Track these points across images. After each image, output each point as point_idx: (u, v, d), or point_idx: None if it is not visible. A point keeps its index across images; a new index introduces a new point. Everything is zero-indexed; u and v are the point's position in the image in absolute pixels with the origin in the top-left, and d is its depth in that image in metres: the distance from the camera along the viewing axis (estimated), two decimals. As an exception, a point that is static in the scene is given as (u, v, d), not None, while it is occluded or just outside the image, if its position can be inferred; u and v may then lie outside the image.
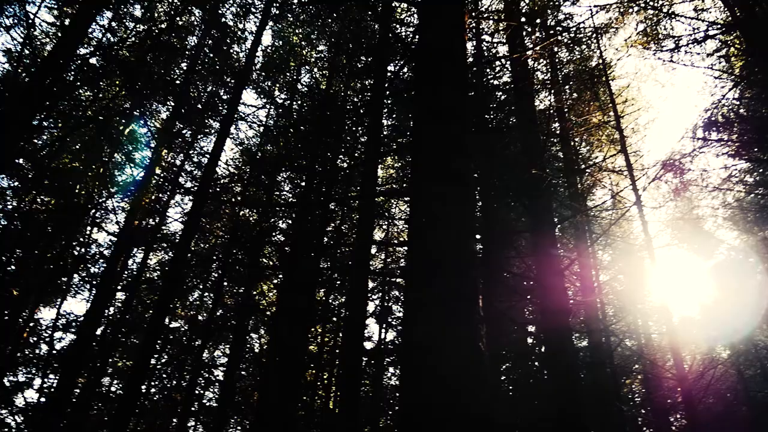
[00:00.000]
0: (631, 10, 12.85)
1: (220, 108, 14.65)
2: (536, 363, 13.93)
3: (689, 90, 42.63)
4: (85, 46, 11.88)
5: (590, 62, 15.29)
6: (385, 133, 13.23)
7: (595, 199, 18.83)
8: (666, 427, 19.21)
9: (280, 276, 15.46)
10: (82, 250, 14.27)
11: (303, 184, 12.96)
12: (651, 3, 12.19)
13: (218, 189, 14.67)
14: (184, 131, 14.87)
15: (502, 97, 13.34)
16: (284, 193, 14.52)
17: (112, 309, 15.68)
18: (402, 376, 3.80)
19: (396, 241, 17.17)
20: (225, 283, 16.11)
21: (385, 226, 18.09)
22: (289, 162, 13.15)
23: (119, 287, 14.83)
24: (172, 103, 13.86)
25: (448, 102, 4.77)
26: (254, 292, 16.52)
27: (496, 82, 13.45)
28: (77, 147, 13.05)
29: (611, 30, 14.38)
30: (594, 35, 14.67)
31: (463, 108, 4.87)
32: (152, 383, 16.95)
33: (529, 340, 14.52)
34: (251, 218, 16.21)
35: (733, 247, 16.26)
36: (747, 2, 11.62)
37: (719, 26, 11.57)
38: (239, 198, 15.07)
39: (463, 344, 3.66)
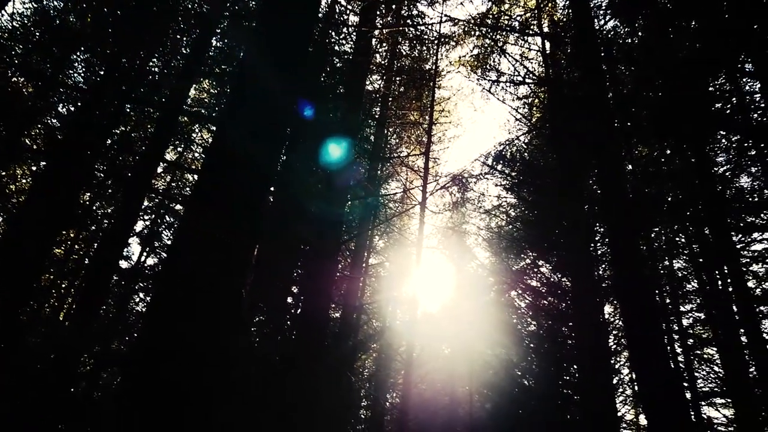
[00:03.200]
0: (473, 33, 13.91)
1: (24, -50, 12.19)
2: (289, 321, 14.41)
3: (494, 121, 47.82)
4: None
5: (425, 64, 16.18)
6: (210, 54, 12.39)
7: (388, 189, 20.08)
8: (382, 402, 21.54)
9: (43, 164, 13.54)
10: None
11: (102, 73, 11.47)
12: (491, 35, 13.32)
13: (-8, 42, 12.22)
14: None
15: (338, 65, 13.41)
16: (76, 74, 12.70)
17: None
18: (152, 304, 3.65)
19: (187, 167, 16.25)
20: (-32, 152, 13.56)
21: (180, 149, 16.96)
22: (93, 44, 11.53)
23: None
24: None
25: (293, 42, 4.65)
26: (4, 173, 14.21)
27: (337, 48, 13.47)
28: None
29: (452, 43, 15.38)
30: (436, 41, 15.54)
31: (306, 53, 4.79)
32: None
33: (290, 300, 14.95)
34: (26, 90, 13.84)
35: (481, 265, 18.67)
36: (559, 66, 13.41)
37: (535, 77, 13.15)
38: (17, 61, 12.76)
39: (226, 286, 3.65)
